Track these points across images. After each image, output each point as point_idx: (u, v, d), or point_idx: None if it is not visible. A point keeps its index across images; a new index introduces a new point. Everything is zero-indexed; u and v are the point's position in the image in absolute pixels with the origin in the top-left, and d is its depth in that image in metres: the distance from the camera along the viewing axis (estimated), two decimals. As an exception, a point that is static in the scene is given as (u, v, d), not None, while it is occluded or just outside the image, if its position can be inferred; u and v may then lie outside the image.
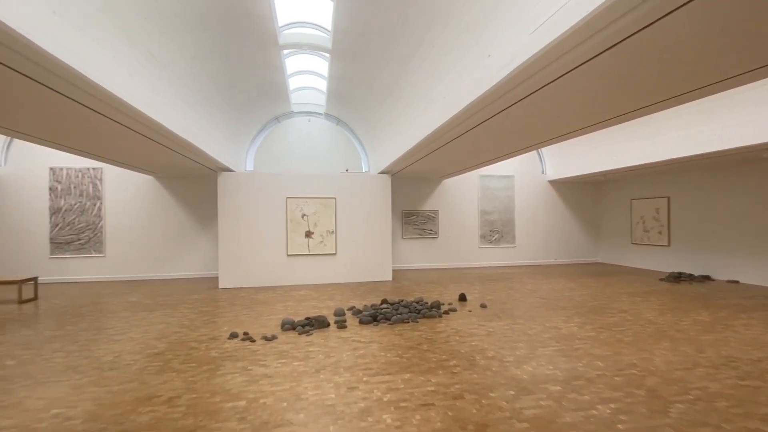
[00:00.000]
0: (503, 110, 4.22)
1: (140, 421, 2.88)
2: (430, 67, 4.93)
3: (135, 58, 3.86)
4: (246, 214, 8.61)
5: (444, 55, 4.53)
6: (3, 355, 4.37)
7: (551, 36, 2.68)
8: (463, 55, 4.14)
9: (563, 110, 4.23)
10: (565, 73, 3.22)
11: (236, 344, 4.64)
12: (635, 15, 2.31)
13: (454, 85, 4.41)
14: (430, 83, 5.09)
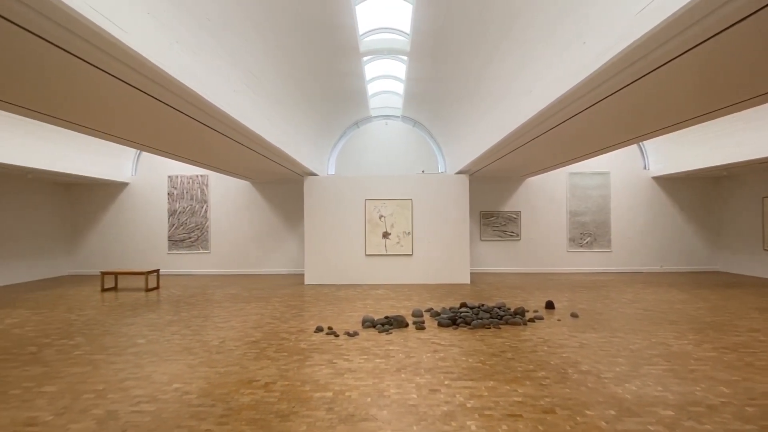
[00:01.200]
0: (599, 101, 3.84)
1: (242, 402, 3.19)
2: (514, 61, 4.69)
3: (237, 77, 4.32)
4: (328, 216, 9.10)
5: (530, 48, 4.28)
6: (135, 334, 5.19)
7: (661, 15, 2.36)
8: (552, 45, 3.86)
9: (676, 98, 3.70)
10: (676, 57, 2.81)
11: (322, 338, 4.91)
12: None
13: (541, 78, 4.14)
14: (514, 78, 4.84)
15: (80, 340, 4.89)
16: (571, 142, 5.70)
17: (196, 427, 2.80)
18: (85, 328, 5.48)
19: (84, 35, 2.40)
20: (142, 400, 3.23)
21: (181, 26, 3.11)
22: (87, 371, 3.88)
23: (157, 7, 2.81)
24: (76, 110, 4.08)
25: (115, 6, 2.42)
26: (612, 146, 5.98)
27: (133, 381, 3.63)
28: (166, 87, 3.32)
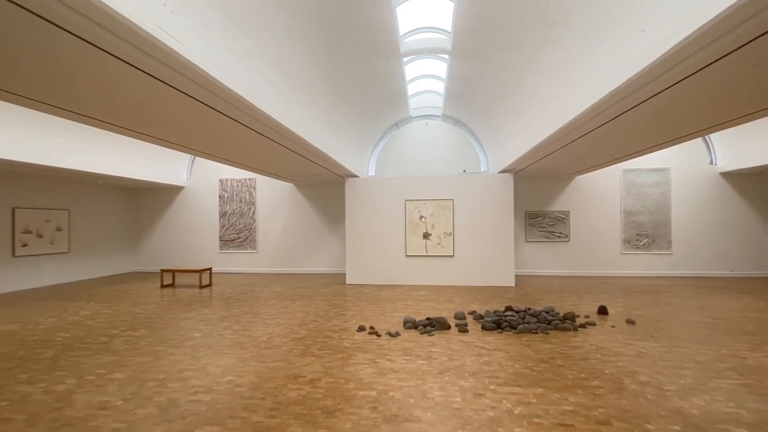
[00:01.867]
0: (660, 92, 3.56)
1: (290, 396, 3.30)
2: (563, 53, 4.48)
3: (283, 83, 4.49)
4: (369, 216, 9.19)
5: (581, 38, 4.06)
6: (191, 328, 5.54)
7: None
8: (606, 35, 3.64)
9: (748, 84, 3.35)
10: (751, 40, 2.54)
11: (364, 337, 4.96)
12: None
13: (594, 70, 3.91)
14: (563, 71, 4.62)
15: (144, 332, 5.30)
16: (627, 137, 5.34)
17: (247, 419, 2.93)
18: (147, 321, 5.93)
19: (148, 50, 2.60)
20: (198, 390, 3.44)
21: (232, 37, 3.29)
22: (150, 361, 4.20)
23: (212, 21, 2.98)
24: (139, 120, 4.43)
25: (174, 21, 2.61)
26: (673, 140, 5.53)
27: (190, 372, 3.87)
28: (219, 95, 3.52)
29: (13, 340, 4.98)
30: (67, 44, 2.54)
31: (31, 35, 2.43)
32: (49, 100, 3.65)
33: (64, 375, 3.84)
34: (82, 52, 2.65)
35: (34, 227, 9.28)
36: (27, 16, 2.19)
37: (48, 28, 2.32)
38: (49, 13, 2.15)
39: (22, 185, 9.00)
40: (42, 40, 2.49)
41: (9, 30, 2.37)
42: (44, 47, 2.59)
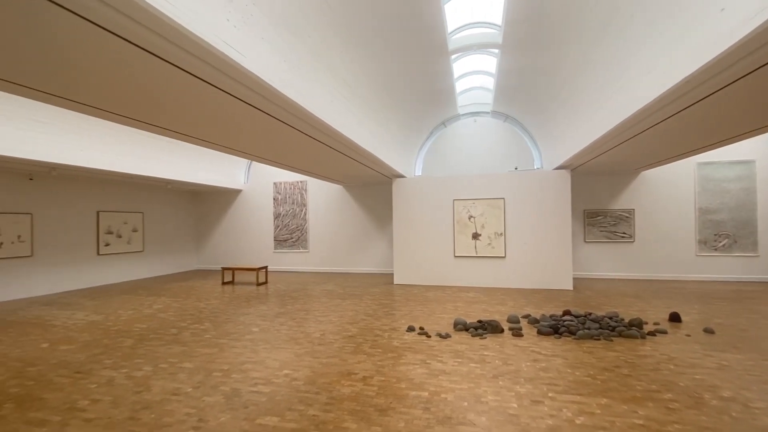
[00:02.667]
0: (744, 76, 3.19)
1: (344, 393, 3.38)
2: (628, 39, 4.16)
3: (334, 87, 4.62)
4: (416, 217, 9.16)
5: (648, 24, 3.75)
6: (250, 323, 5.86)
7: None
8: (677, 17, 3.33)
9: None
10: None
11: (414, 337, 4.95)
12: None
13: (664, 56, 3.59)
14: (629, 59, 4.29)
15: (208, 326, 5.70)
16: (704, 126, 4.84)
17: (304, 412, 3.04)
18: (211, 315, 6.37)
19: (214, 63, 2.80)
20: (258, 382, 3.63)
21: (286, 45, 3.44)
22: (215, 353, 4.50)
23: (268, 31, 3.14)
24: (204, 128, 4.78)
25: (236, 35, 2.78)
26: (760, 128, 4.91)
27: (250, 364, 4.10)
28: (275, 102, 3.69)
29: (98, 330, 5.58)
30: (149, 63, 2.80)
31: (114, 54, 2.71)
32: (124, 112, 4.05)
33: (141, 362, 4.23)
34: (160, 71, 2.91)
35: (115, 228, 10.34)
36: (107, 36, 2.45)
37: (129, 48, 2.58)
38: (131, 35, 2.39)
39: (105, 191, 10.07)
40: (126, 59, 2.77)
41: (98, 52, 2.66)
42: (129, 67, 2.89)
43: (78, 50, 2.62)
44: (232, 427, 2.84)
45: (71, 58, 2.75)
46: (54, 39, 2.46)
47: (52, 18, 2.21)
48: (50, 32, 2.38)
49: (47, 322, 6.06)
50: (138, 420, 2.96)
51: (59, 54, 2.68)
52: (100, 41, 2.49)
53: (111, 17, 2.19)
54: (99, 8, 2.10)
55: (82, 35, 2.41)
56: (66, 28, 2.33)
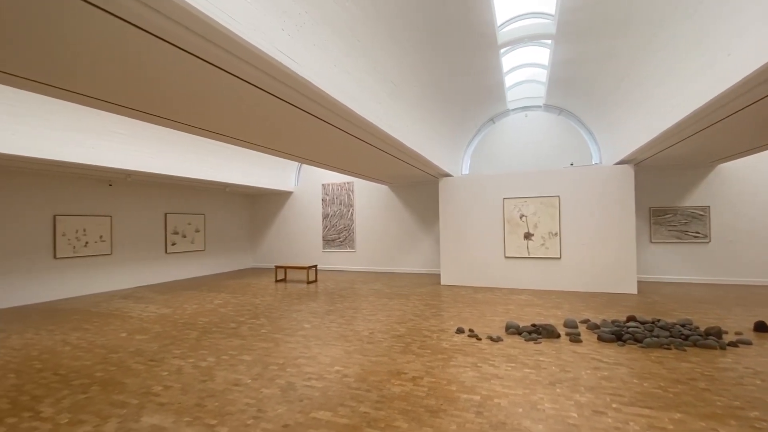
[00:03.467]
0: None
1: (394, 392, 3.39)
2: (699, 22, 3.77)
3: (381, 88, 4.66)
4: (464, 216, 8.98)
5: (722, 3, 3.37)
6: (302, 319, 6.07)
7: None
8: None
9: None
10: None
11: (463, 339, 4.85)
12: None
13: (748, 36, 3.21)
14: (702, 42, 3.89)
15: (264, 321, 5.99)
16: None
17: (356, 408, 3.09)
18: (266, 311, 6.69)
19: (269, 71, 2.94)
20: (312, 377, 3.75)
21: (337, 50, 3.52)
22: (271, 347, 4.72)
23: (321, 37, 3.24)
24: (259, 133, 5.03)
25: (290, 43, 2.89)
26: None
27: (304, 360, 4.25)
28: (326, 106, 3.80)
29: (167, 322, 6.07)
30: (213, 75, 3.01)
31: (183, 69, 2.94)
32: (190, 121, 4.38)
33: (205, 353, 4.54)
34: (222, 82, 3.12)
35: (180, 229, 11.22)
36: (179, 54, 2.65)
37: (197, 63, 2.79)
38: (200, 51, 2.58)
39: (172, 194, 10.95)
40: (193, 73, 2.99)
41: (171, 68, 2.90)
42: (195, 79, 3.12)
43: (154, 67, 2.87)
44: (288, 419, 2.96)
45: (148, 76, 3.02)
46: (133, 58, 2.72)
47: (133, 38, 2.44)
48: (131, 52, 2.63)
49: (125, 313, 6.71)
50: (204, 407, 3.18)
51: (138, 72, 2.95)
52: (175, 59, 2.71)
53: (181, 35, 2.37)
54: (174, 29, 2.29)
55: (160, 54, 2.64)
56: (145, 48, 2.56)
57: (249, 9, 2.45)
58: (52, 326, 5.88)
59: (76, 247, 8.58)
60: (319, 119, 4.32)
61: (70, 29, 2.34)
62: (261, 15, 2.55)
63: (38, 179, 7.95)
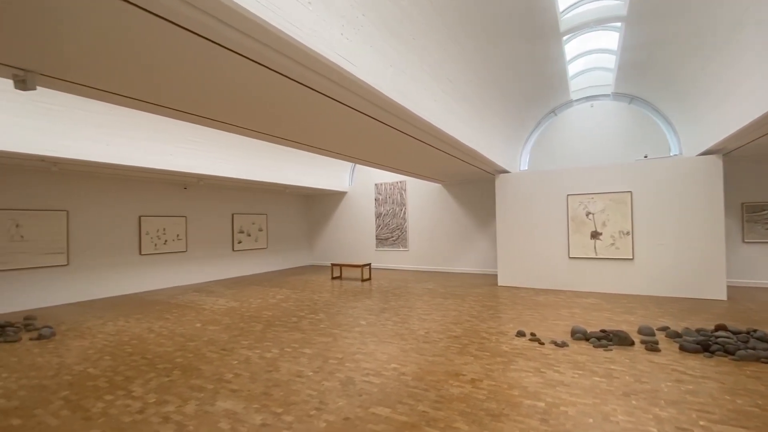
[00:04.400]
0: None
1: (452, 393, 3.34)
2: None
3: (436, 85, 4.61)
4: (523, 214, 8.59)
5: None
6: (358, 316, 6.20)
7: None
8: None
9: None
10: None
11: (524, 343, 4.65)
12: None
13: None
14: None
15: (323, 316, 6.21)
16: None
17: (414, 407, 3.10)
18: (324, 307, 6.94)
19: (328, 75, 3.03)
20: (369, 373, 3.82)
21: (392, 50, 3.54)
22: (329, 341, 4.88)
23: (378, 39, 3.28)
24: (316, 136, 5.22)
25: (348, 46, 2.96)
26: None
27: (361, 355, 4.34)
28: (382, 106, 3.84)
29: (236, 315, 6.52)
30: (276, 82, 3.18)
31: (248, 77, 3.14)
32: (252, 126, 4.66)
33: (270, 345, 4.81)
34: (283, 87, 3.29)
35: (245, 228, 12.00)
36: (248, 63, 2.83)
37: (262, 71, 2.96)
38: (266, 60, 2.74)
39: (238, 196, 11.76)
40: (258, 80, 3.19)
41: (240, 78, 3.11)
42: (258, 87, 3.32)
43: (230, 80, 3.11)
44: (349, 412, 3.03)
45: (226, 89, 3.27)
46: (211, 72, 2.96)
47: (217, 54, 2.65)
48: (210, 66, 2.87)
49: (198, 306, 7.33)
50: (270, 396, 3.38)
51: (216, 84, 3.21)
52: (248, 71, 2.91)
53: (254, 48, 2.53)
54: (253, 45, 2.47)
55: (236, 68, 2.85)
56: (225, 63, 2.78)
57: (311, 16, 2.55)
58: (139, 315, 6.59)
59: (157, 245, 9.54)
60: (374, 119, 4.38)
61: (163, 52, 2.60)
62: (322, 21, 2.64)
63: (126, 184, 8.94)
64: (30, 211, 7.37)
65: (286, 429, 2.82)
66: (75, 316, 6.65)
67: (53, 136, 5.83)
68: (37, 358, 4.47)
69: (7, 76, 3.01)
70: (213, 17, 2.18)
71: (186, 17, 2.17)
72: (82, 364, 4.27)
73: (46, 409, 3.22)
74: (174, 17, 2.18)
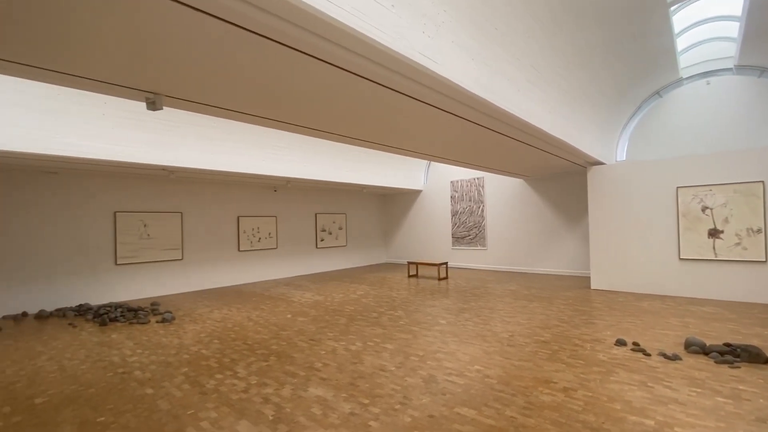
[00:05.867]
0: None
1: (543, 400, 3.14)
2: None
3: (520, 74, 4.36)
4: (621, 210, 7.73)
5: None
6: (436, 315, 6.16)
7: None
8: None
9: None
10: None
11: (626, 353, 4.19)
12: None
13: None
14: None
15: (401, 313, 6.30)
16: None
17: (501, 411, 2.98)
18: (402, 304, 7.03)
19: (411, 75, 3.06)
20: (452, 372, 3.77)
21: (474, 43, 3.45)
22: (409, 338, 4.93)
23: (459, 34, 3.22)
24: (391, 135, 5.30)
25: (430, 44, 2.95)
26: None
27: (442, 354, 4.31)
28: (465, 102, 3.76)
29: (321, 308, 6.92)
30: (359, 85, 3.31)
31: (332, 82, 3.31)
32: (335, 130, 4.89)
33: (353, 338, 5.02)
34: (364, 90, 3.41)
35: (327, 227, 12.69)
36: (333, 69, 2.99)
37: (347, 76, 3.10)
38: (349, 65, 2.87)
39: (320, 196, 12.48)
40: (343, 86, 3.35)
41: (323, 82, 3.30)
42: (341, 91, 3.49)
43: (319, 87, 3.33)
44: (433, 410, 3.03)
45: (316, 97, 3.51)
46: (305, 83, 3.20)
47: (307, 64, 2.86)
48: (302, 78, 3.10)
49: (288, 298, 7.94)
50: (357, 387, 3.52)
51: (308, 94, 3.46)
52: (338, 77, 3.08)
53: (341, 55, 2.67)
54: (335, 50, 2.61)
55: (329, 76, 3.05)
56: (314, 72, 2.98)
57: (392, 18, 2.59)
58: (239, 305, 7.36)
59: (252, 242, 10.55)
60: (456, 116, 4.31)
61: (264, 68, 2.88)
62: (404, 22, 2.67)
63: (227, 188, 10.04)
64: (154, 213, 8.68)
65: (373, 420, 2.91)
66: (188, 303, 7.67)
67: (170, 149, 6.79)
68: (162, 339, 5.25)
69: (140, 99, 3.59)
70: (306, 30, 2.34)
71: (283, 33, 2.37)
72: (196, 345, 4.91)
73: (171, 382, 3.77)
74: (279, 36, 2.41)
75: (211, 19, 2.24)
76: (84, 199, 7.75)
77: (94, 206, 7.88)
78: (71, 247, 7.57)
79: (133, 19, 2.27)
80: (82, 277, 7.69)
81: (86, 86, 3.24)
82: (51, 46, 2.53)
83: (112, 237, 8.08)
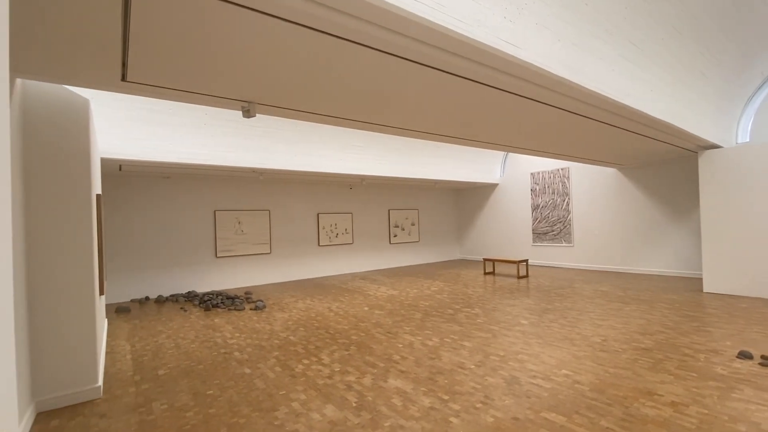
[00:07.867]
0: None
1: (645, 413, 2.82)
2: None
3: (615, 50, 3.92)
4: (744, 201, 6.57)
5: None
6: (517, 314, 5.87)
7: None
8: None
9: None
10: None
11: (751, 368, 3.57)
12: None
13: None
14: None
15: (479, 311, 6.13)
16: None
17: (595, 421, 2.75)
18: (479, 302, 6.83)
19: (491, 63, 2.94)
20: (537, 375, 3.57)
21: (560, 22, 3.19)
22: (489, 337, 4.78)
23: (542, 14, 3.00)
24: (468, 128, 5.15)
25: (512, 29, 2.80)
26: None
27: (525, 356, 4.10)
28: (548, 86, 3.51)
29: (396, 302, 7.04)
30: (442, 80, 3.29)
31: (413, 79, 3.32)
32: (415, 127, 4.89)
33: (430, 333, 5.02)
34: (453, 85, 3.36)
35: (400, 223, 12.83)
36: (416, 67, 3.00)
37: (432, 73, 3.10)
38: (431, 61, 2.86)
39: (393, 193, 12.66)
40: (425, 81, 3.35)
41: (406, 81, 3.34)
42: (425, 88, 3.49)
43: (403, 86, 3.38)
44: (518, 412, 2.91)
45: (399, 96, 3.58)
46: (389, 83, 3.28)
47: (390, 63, 2.93)
48: (387, 79, 3.18)
49: (364, 291, 8.21)
50: (435, 382, 3.52)
51: (391, 93, 3.54)
52: (420, 74, 3.11)
53: (426, 52, 2.68)
54: (421, 48, 2.64)
55: (413, 73, 3.09)
56: (397, 71, 3.04)
57: (472, 6, 2.51)
58: (320, 296, 7.81)
59: (330, 238, 11.11)
60: (541, 103, 4.05)
61: (351, 71, 3.02)
62: (484, 9, 2.57)
63: (308, 186, 10.70)
64: (246, 211, 9.59)
65: (454, 416, 2.89)
66: (276, 293, 8.35)
67: (259, 152, 7.44)
68: (256, 324, 5.79)
69: (236, 107, 3.98)
70: (391, 31, 2.39)
71: (371, 36, 2.44)
72: (285, 332, 5.32)
73: (265, 364, 4.14)
74: (367, 41, 2.51)
75: (306, 30, 2.40)
76: (191, 200, 8.87)
77: (199, 206, 8.97)
78: (181, 242, 8.72)
79: (249, 40, 2.52)
80: (190, 267, 8.82)
81: (197, 100, 3.70)
82: (187, 72, 2.94)
83: (212, 233, 9.13)
